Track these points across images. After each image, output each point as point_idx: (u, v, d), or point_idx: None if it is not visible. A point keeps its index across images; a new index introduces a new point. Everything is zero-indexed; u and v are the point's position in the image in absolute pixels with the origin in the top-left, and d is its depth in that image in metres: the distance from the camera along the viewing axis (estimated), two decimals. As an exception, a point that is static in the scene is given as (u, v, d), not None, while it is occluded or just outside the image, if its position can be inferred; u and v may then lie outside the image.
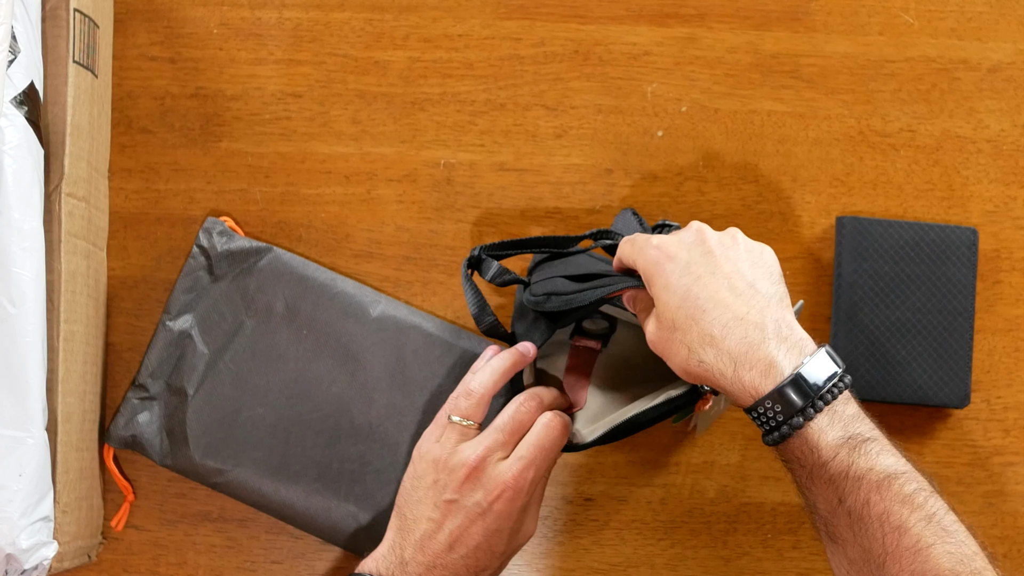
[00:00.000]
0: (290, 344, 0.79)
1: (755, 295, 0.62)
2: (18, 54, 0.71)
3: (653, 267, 0.64)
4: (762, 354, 0.60)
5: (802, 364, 0.60)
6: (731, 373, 0.60)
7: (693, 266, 0.63)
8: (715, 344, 0.61)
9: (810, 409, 0.60)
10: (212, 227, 0.80)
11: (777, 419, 0.60)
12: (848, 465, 0.59)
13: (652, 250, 0.65)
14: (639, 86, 0.83)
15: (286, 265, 0.80)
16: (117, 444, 0.79)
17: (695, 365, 0.62)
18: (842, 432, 0.60)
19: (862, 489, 0.59)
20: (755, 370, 0.60)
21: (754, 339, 0.60)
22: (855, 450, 0.59)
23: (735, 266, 0.63)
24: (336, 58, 0.83)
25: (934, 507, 0.59)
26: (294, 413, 0.78)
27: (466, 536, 0.66)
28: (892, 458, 0.60)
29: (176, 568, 0.80)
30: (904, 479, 0.59)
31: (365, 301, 0.79)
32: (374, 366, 0.78)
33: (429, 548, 0.66)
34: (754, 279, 0.63)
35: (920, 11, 0.84)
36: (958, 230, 0.80)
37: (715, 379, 0.62)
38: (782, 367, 0.60)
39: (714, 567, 0.80)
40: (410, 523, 0.67)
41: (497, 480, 0.66)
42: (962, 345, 0.79)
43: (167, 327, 0.79)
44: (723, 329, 0.61)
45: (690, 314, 0.61)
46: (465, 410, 0.69)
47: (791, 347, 0.61)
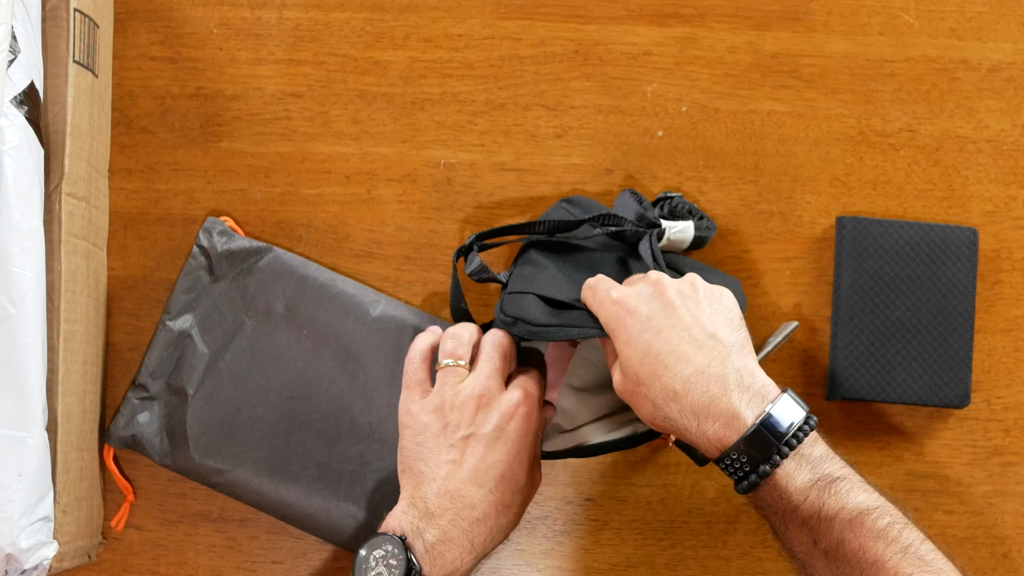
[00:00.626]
0: (290, 344, 0.79)
1: (716, 346, 0.63)
2: (18, 54, 0.71)
3: (614, 322, 0.65)
4: (724, 406, 0.61)
5: (764, 412, 0.61)
6: (695, 427, 0.61)
7: (653, 320, 0.63)
8: (678, 399, 0.62)
9: (776, 456, 0.61)
10: (212, 227, 0.80)
11: (744, 468, 0.61)
12: (820, 506, 0.60)
13: (611, 305, 0.65)
14: (639, 86, 0.83)
15: (286, 265, 0.80)
16: (117, 444, 0.79)
17: (661, 420, 0.63)
18: (811, 475, 0.61)
19: (835, 528, 0.59)
20: (719, 423, 0.61)
21: (715, 392, 0.61)
22: (825, 490, 0.60)
23: (694, 317, 0.64)
24: (336, 58, 0.83)
25: (909, 538, 0.59)
26: (294, 413, 0.78)
27: (488, 464, 0.66)
28: (864, 494, 0.60)
29: (176, 568, 0.80)
30: (877, 514, 0.60)
31: (365, 301, 0.79)
32: (374, 366, 0.78)
33: (452, 488, 0.66)
34: (714, 328, 0.63)
35: (920, 11, 0.84)
36: (958, 230, 0.80)
37: (680, 433, 0.63)
38: (744, 417, 0.61)
39: (714, 567, 0.80)
40: (424, 475, 0.67)
41: (506, 399, 0.67)
42: (962, 345, 0.79)
43: (167, 327, 0.79)
44: (685, 384, 0.61)
45: (653, 370, 0.62)
46: (453, 351, 0.70)
47: (753, 396, 0.62)
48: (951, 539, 0.80)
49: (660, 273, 0.67)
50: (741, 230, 0.82)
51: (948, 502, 0.81)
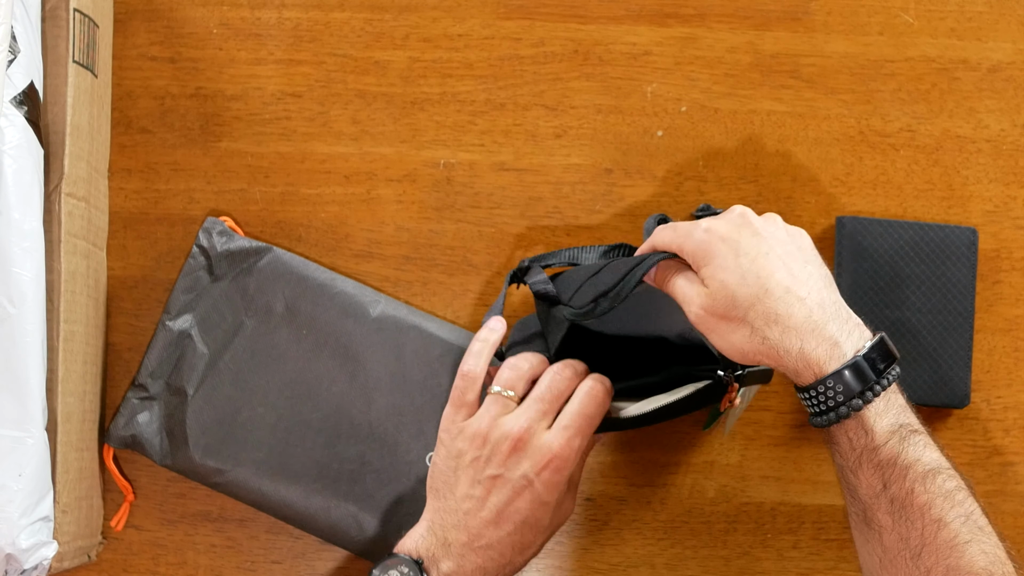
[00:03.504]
0: (290, 344, 0.79)
1: (809, 276, 0.63)
2: (18, 54, 0.71)
3: (705, 248, 0.64)
4: (827, 334, 0.61)
5: (865, 346, 0.61)
6: (797, 350, 0.61)
7: (747, 247, 0.63)
8: (780, 322, 0.61)
9: (869, 392, 0.61)
10: (212, 227, 0.80)
11: (837, 399, 0.61)
12: (897, 453, 0.60)
13: (702, 233, 0.65)
14: (639, 86, 0.83)
15: (286, 265, 0.80)
16: (117, 444, 0.79)
17: (758, 343, 0.62)
18: (894, 420, 0.61)
19: (907, 479, 0.60)
20: (820, 348, 0.61)
21: (818, 319, 0.61)
22: (904, 439, 0.61)
23: (785, 248, 0.64)
24: (336, 58, 0.83)
25: (971, 507, 0.60)
26: (294, 413, 0.78)
27: (512, 510, 0.65)
28: (936, 453, 0.61)
29: (176, 568, 0.80)
30: (946, 475, 0.60)
31: (365, 301, 0.79)
32: (374, 366, 0.78)
33: (472, 526, 0.65)
34: (805, 260, 0.64)
35: (920, 11, 0.84)
36: (958, 230, 0.80)
37: (778, 357, 0.62)
38: (844, 348, 0.61)
39: (714, 567, 0.80)
40: (448, 503, 0.66)
41: (544, 449, 0.65)
42: (962, 345, 0.79)
43: (167, 327, 0.79)
44: (788, 308, 0.61)
45: (752, 293, 0.62)
46: (511, 382, 0.68)
47: (852, 328, 0.62)
48: (951, 539, 0.81)
49: (744, 207, 0.67)
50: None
51: (948, 502, 0.81)
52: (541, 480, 0.65)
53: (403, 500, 0.77)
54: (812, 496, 0.81)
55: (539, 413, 0.67)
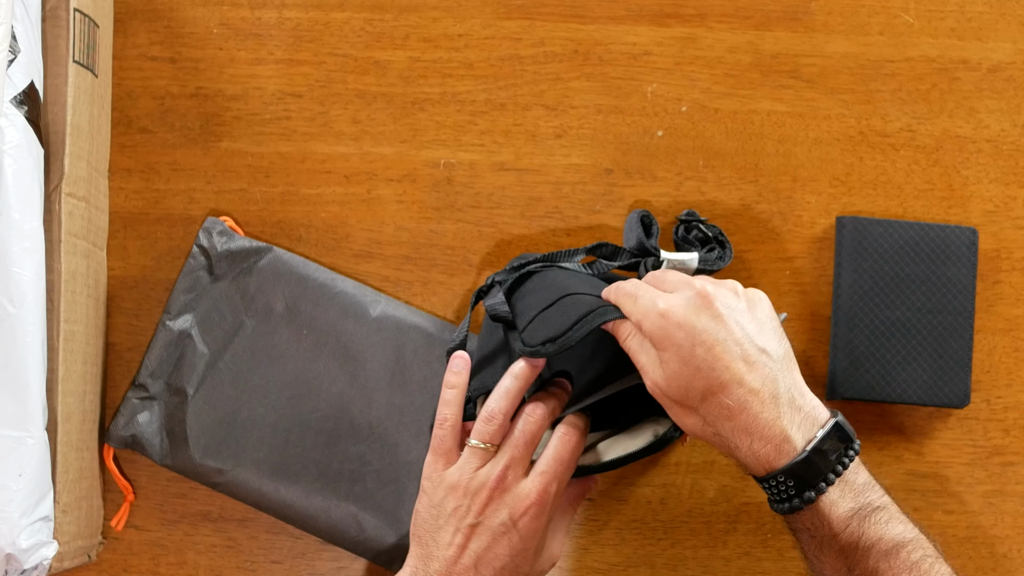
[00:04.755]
0: (290, 344, 0.79)
1: (767, 361, 0.62)
2: (18, 54, 0.71)
3: (661, 334, 0.63)
4: (776, 429, 0.61)
5: (815, 438, 0.61)
6: (746, 447, 0.62)
7: (704, 335, 0.62)
8: (732, 418, 0.61)
9: (822, 483, 0.61)
10: (212, 227, 0.80)
11: (789, 492, 0.61)
12: (858, 536, 0.60)
13: (658, 318, 0.63)
14: (639, 86, 0.83)
15: (286, 265, 0.80)
16: (117, 444, 0.79)
17: (711, 434, 0.63)
18: (853, 503, 0.61)
19: (871, 558, 0.60)
20: (770, 444, 0.61)
21: (769, 415, 0.61)
22: (865, 520, 0.61)
23: (744, 330, 0.63)
24: (336, 58, 0.83)
25: (939, 573, 0.60)
26: (294, 413, 0.78)
27: (492, 556, 0.66)
28: (901, 526, 0.61)
29: (176, 568, 0.80)
30: (911, 546, 0.60)
31: (365, 301, 0.79)
32: (374, 366, 0.78)
33: (453, 573, 0.66)
34: (764, 342, 0.63)
35: (920, 11, 0.84)
36: (958, 230, 0.80)
37: (729, 450, 0.63)
38: (795, 441, 0.61)
39: (714, 567, 0.80)
40: (431, 550, 0.67)
41: (520, 497, 0.66)
42: (962, 345, 0.79)
43: (167, 327, 0.79)
44: (739, 404, 0.61)
45: (706, 387, 0.62)
46: (488, 435, 0.68)
47: (804, 419, 0.62)
48: (951, 539, 0.81)
49: (704, 280, 0.65)
50: (741, 230, 0.82)
51: (948, 502, 0.81)
52: (520, 527, 0.66)
53: (403, 500, 0.77)
54: (812, 496, 0.81)
55: (513, 460, 0.67)
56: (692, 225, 0.80)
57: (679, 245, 0.80)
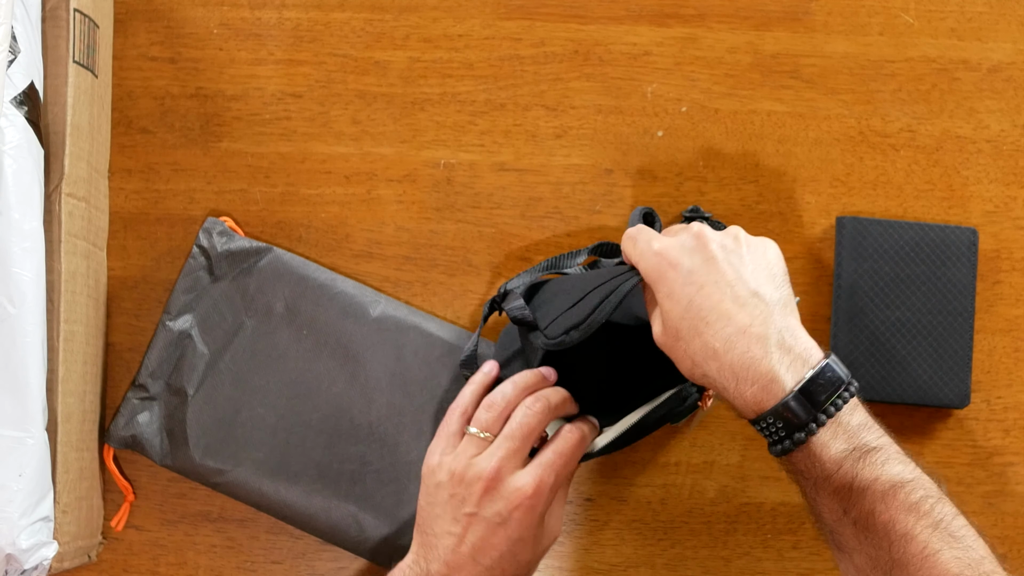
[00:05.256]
0: (290, 344, 0.79)
1: (758, 303, 0.61)
2: (18, 54, 0.71)
3: (655, 273, 0.64)
4: (764, 369, 0.60)
5: (804, 378, 0.60)
6: (733, 388, 0.61)
7: (695, 275, 0.62)
8: (718, 358, 0.61)
9: (812, 424, 0.60)
10: (212, 227, 0.80)
11: (780, 433, 0.60)
12: (852, 476, 0.59)
13: (653, 256, 0.64)
14: (639, 86, 0.83)
15: (286, 265, 0.80)
16: (117, 444, 0.79)
17: (699, 376, 0.62)
18: (846, 444, 0.60)
19: (867, 500, 0.59)
20: (756, 385, 0.60)
21: (756, 353, 0.60)
22: (859, 460, 0.59)
23: (737, 272, 0.62)
24: (336, 58, 0.83)
25: (941, 513, 0.59)
26: (294, 413, 0.78)
27: (489, 547, 0.66)
28: (899, 466, 0.60)
29: (176, 568, 0.80)
30: (911, 487, 0.59)
31: (365, 301, 0.79)
32: (374, 366, 0.78)
33: (452, 561, 0.66)
34: (757, 286, 0.62)
35: (920, 11, 0.84)
36: (958, 230, 0.80)
37: (719, 390, 0.62)
38: (784, 381, 0.60)
39: (714, 567, 0.80)
40: (431, 538, 0.67)
41: (515, 490, 0.66)
42: (962, 345, 0.79)
43: (167, 327, 0.79)
44: (725, 343, 0.60)
45: (693, 325, 0.61)
46: (486, 422, 0.68)
47: (794, 359, 0.61)
48: (951, 539, 0.81)
49: (702, 224, 0.66)
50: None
51: (948, 502, 0.81)
52: (514, 520, 0.66)
53: (403, 500, 0.77)
54: (812, 496, 0.81)
55: (509, 452, 0.67)
56: (697, 221, 0.80)
57: None
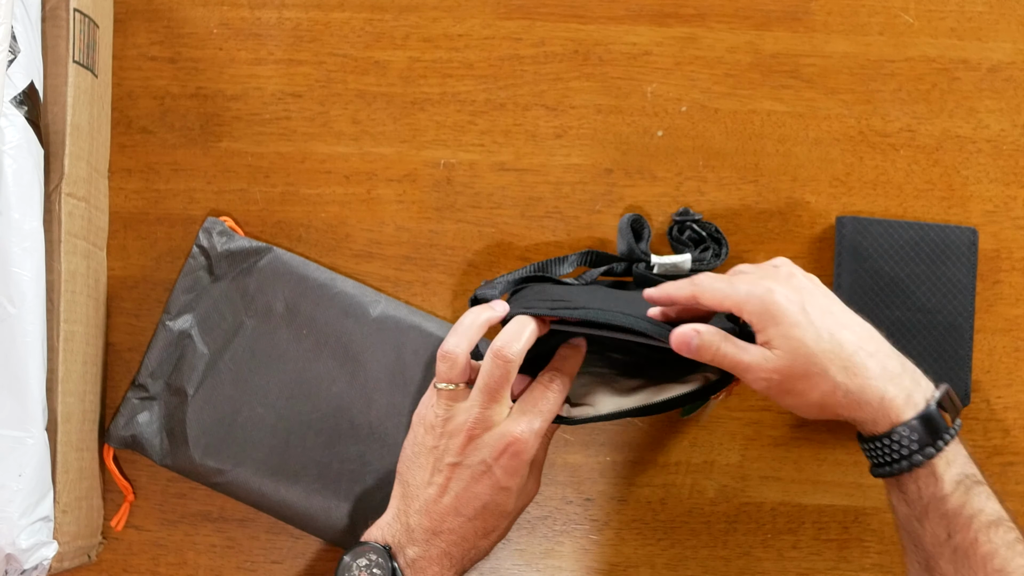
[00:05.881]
0: (290, 344, 0.79)
1: (864, 329, 0.65)
2: (18, 54, 0.71)
3: (774, 308, 0.64)
4: (903, 383, 0.63)
5: (935, 396, 0.63)
6: (878, 400, 0.62)
7: (812, 304, 0.64)
8: (860, 374, 0.62)
9: (940, 441, 0.62)
10: (212, 227, 0.80)
11: (911, 447, 0.62)
12: (963, 503, 0.62)
13: (770, 294, 0.64)
14: (639, 86, 0.83)
15: (286, 265, 0.80)
16: (117, 444, 0.79)
17: (841, 396, 0.63)
18: (961, 470, 0.63)
19: (972, 528, 0.61)
20: (899, 398, 0.62)
21: (892, 369, 0.63)
22: (970, 490, 0.62)
23: (835, 302, 0.66)
24: (336, 58, 0.83)
25: None
26: (294, 413, 0.78)
27: (472, 496, 0.66)
28: (997, 504, 0.63)
29: (176, 568, 0.80)
30: (1008, 525, 0.62)
31: (365, 301, 0.79)
32: (374, 366, 0.78)
33: (434, 512, 0.66)
34: (851, 316, 0.65)
35: (920, 11, 0.84)
36: (958, 230, 0.80)
37: (858, 408, 0.63)
38: (916, 398, 0.63)
39: (714, 567, 0.80)
40: (413, 489, 0.67)
41: (500, 436, 0.66)
42: (962, 345, 0.79)
43: (167, 327, 0.79)
44: (863, 360, 0.63)
45: (829, 348, 0.63)
46: (446, 374, 0.67)
47: (919, 379, 0.64)
48: (951, 539, 0.81)
49: (784, 262, 0.68)
50: (741, 230, 0.82)
51: (948, 502, 0.81)
52: (500, 465, 0.66)
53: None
54: (812, 496, 0.81)
55: (487, 402, 0.66)
56: (685, 225, 0.80)
57: (673, 246, 0.80)
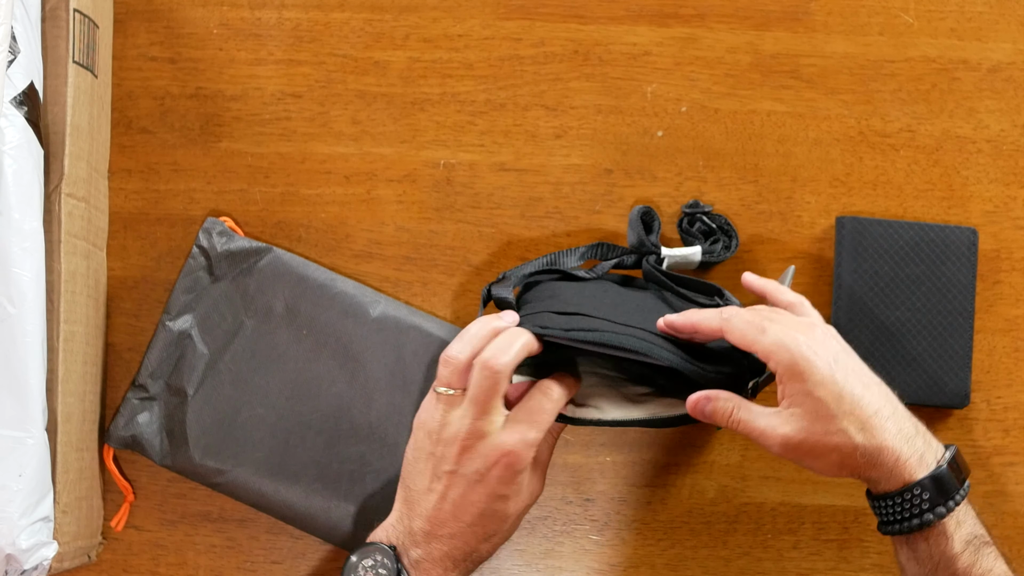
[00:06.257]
0: (290, 344, 0.79)
1: (881, 390, 0.65)
2: (18, 54, 0.71)
3: (803, 363, 0.63)
4: (916, 444, 0.64)
5: (946, 457, 0.64)
6: (892, 460, 0.63)
7: (840, 363, 0.64)
8: (877, 436, 0.63)
9: (951, 501, 0.63)
10: (212, 227, 0.80)
11: (923, 507, 0.63)
12: (972, 563, 0.63)
13: (803, 348, 0.64)
14: (639, 86, 0.83)
15: (286, 265, 0.80)
16: (117, 444, 0.79)
17: (858, 457, 0.63)
18: (970, 530, 0.63)
19: None
20: (913, 458, 0.63)
21: (907, 431, 0.64)
22: (979, 550, 0.63)
23: (859, 363, 0.66)
24: (336, 58, 0.83)
25: None
26: (294, 413, 0.78)
27: (469, 504, 0.66)
28: (1004, 566, 0.64)
29: (176, 568, 0.80)
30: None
31: (365, 301, 0.79)
32: (374, 366, 0.78)
33: (435, 518, 0.67)
34: (870, 376, 0.66)
35: (920, 11, 0.84)
36: (958, 230, 0.80)
37: (870, 471, 0.64)
38: (928, 458, 0.63)
39: (714, 567, 0.80)
40: (415, 494, 0.68)
41: (493, 447, 0.66)
42: (962, 345, 0.79)
43: (167, 327, 0.79)
44: (882, 422, 0.63)
45: (851, 409, 0.63)
46: (446, 379, 0.67)
47: (929, 442, 0.64)
48: (951, 539, 0.81)
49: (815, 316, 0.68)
50: (741, 230, 0.82)
51: (948, 502, 0.81)
52: (493, 476, 0.66)
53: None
54: (812, 496, 0.81)
55: (478, 412, 0.66)
56: (695, 217, 0.80)
57: (683, 238, 0.80)
